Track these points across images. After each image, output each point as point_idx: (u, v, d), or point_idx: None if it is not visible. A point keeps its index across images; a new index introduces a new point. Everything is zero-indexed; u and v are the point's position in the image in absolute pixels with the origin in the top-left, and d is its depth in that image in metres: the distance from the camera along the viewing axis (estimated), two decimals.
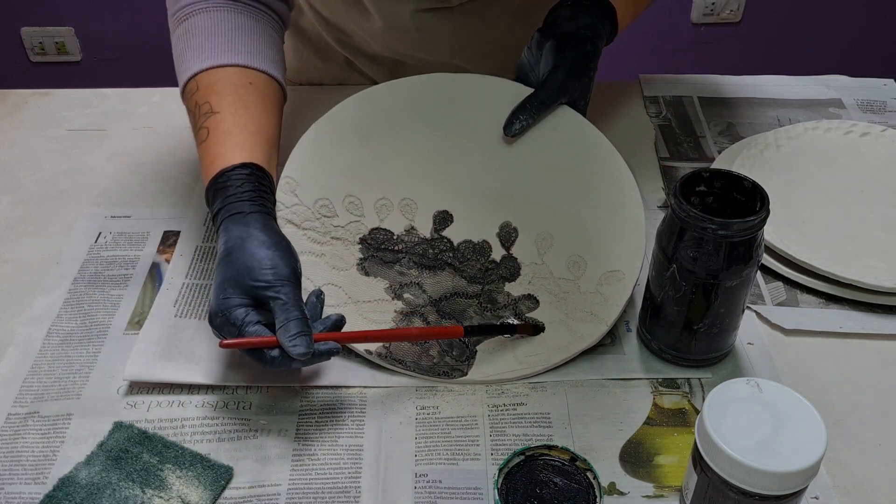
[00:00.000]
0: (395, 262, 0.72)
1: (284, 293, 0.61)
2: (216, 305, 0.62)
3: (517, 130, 0.76)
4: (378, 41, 0.97)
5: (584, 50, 0.77)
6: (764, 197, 0.61)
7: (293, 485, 0.60)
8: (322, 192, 0.74)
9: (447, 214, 0.75)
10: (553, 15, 0.80)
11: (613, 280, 0.71)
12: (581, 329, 0.69)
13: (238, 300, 0.62)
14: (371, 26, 0.94)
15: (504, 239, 0.74)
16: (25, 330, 0.72)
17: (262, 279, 0.62)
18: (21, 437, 0.63)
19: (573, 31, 0.77)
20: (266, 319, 0.62)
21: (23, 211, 0.85)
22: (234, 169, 0.67)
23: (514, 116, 0.76)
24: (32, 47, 2.31)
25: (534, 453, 0.56)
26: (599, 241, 0.73)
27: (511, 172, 0.76)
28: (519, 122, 0.76)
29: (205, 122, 0.71)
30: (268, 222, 0.66)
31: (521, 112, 0.76)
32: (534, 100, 0.76)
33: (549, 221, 0.74)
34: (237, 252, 0.63)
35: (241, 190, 0.66)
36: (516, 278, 0.72)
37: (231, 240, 0.64)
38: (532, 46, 0.80)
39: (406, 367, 0.67)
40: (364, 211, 0.74)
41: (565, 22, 0.78)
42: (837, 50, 2.36)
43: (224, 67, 0.74)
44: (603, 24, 0.79)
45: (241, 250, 0.63)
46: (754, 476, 0.49)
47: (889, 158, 0.87)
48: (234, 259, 0.63)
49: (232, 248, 0.63)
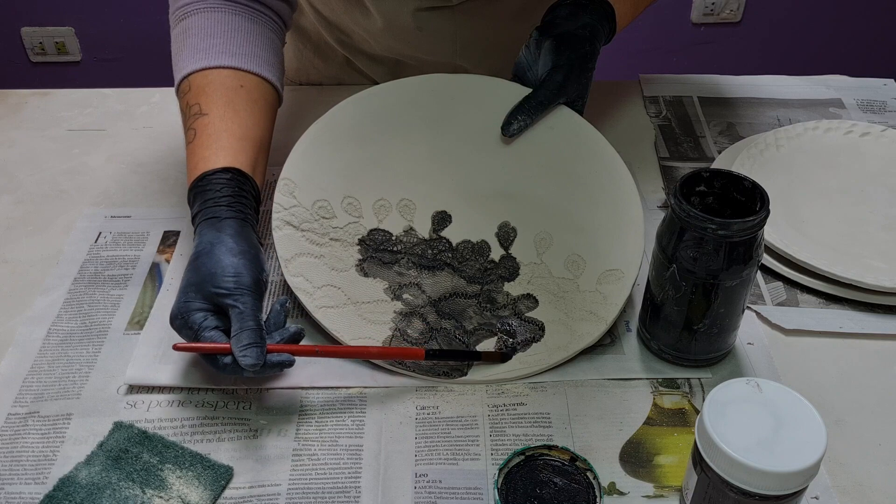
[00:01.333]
0: (393, 262, 0.72)
1: (242, 302, 0.62)
2: (176, 308, 0.64)
3: (515, 131, 0.76)
4: (378, 41, 0.97)
5: (582, 50, 0.76)
6: (764, 197, 0.61)
7: (293, 485, 0.60)
8: (320, 193, 0.74)
9: (446, 215, 0.75)
10: (551, 14, 0.79)
11: (612, 279, 0.71)
12: (581, 328, 0.69)
13: (198, 304, 0.63)
14: (371, 25, 0.94)
15: (503, 239, 0.74)
16: (25, 330, 0.72)
17: (223, 286, 0.63)
18: (21, 437, 0.63)
19: (572, 30, 0.77)
20: (225, 325, 0.63)
21: (23, 211, 0.85)
22: (214, 173, 0.68)
23: (512, 117, 0.76)
24: (32, 47, 2.31)
25: (534, 453, 0.57)
26: (598, 241, 0.73)
27: (509, 172, 0.76)
28: (517, 123, 0.75)
29: (193, 123, 0.72)
30: (241, 229, 0.67)
31: (520, 112, 0.75)
32: (532, 100, 0.76)
33: (548, 221, 0.74)
34: (204, 257, 0.64)
35: (219, 194, 0.67)
36: (515, 278, 0.72)
37: (202, 244, 0.65)
38: (530, 45, 0.79)
39: (406, 368, 0.67)
40: (362, 212, 0.74)
41: (564, 21, 0.78)
42: (837, 50, 2.36)
43: (217, 69, 0.74)
44: (602, 25, 0.78)
45: (208, 256, 0.64)
46: (754, 476, 0.49)
47: (889, 158, 0.87)
48: (200, 265, 0.64)
49: (200, 252, 0.65)
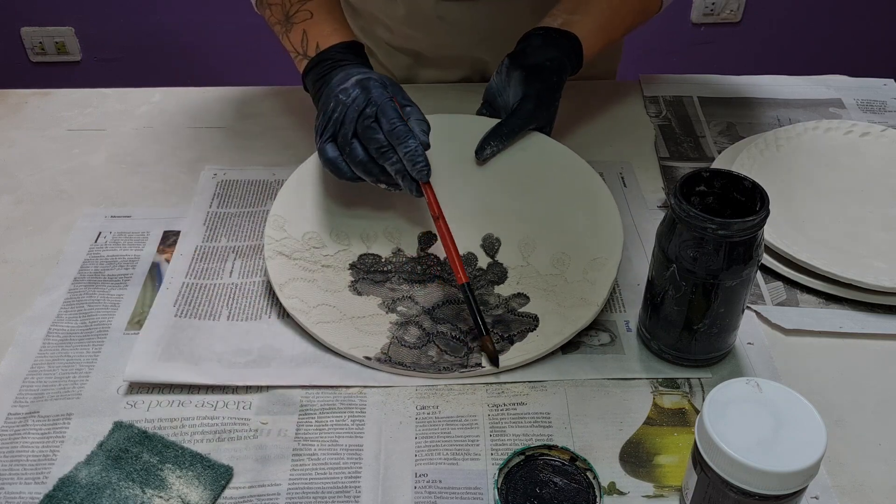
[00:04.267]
0: (385, 280, 0.74)
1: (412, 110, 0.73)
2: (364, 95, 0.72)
3: (488, 155, 0.80)
4: (400, 29, 0.99)
5: (550, 82, 0.81)
6: (764, 197, 0.61)
7: (293, 485, 0.60)
8: (309, 226, 0.77)
9: (431, 234, 0.78)
10: (524, 42, 0.84)
11: (598, 266, 0.73)
12: (573, 314, 0.70)
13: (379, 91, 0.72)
14: (394, 12, 0.97)
15: (488, 249, 0.77)
16: (25, 330, 0.72)
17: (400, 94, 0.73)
18: (21, 436, 0.63)
19: (540, 62, 0.81)
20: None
21: (23, 211, 0.85)
22: (347, 44, 0.79)
23: (486, 142, 0.80)
24: (32, 47, 2.31)
25: (534, 453, 0.57)
26: (580, 236, 0.75)
27: (488, 191, 0.80)
28: (490, 148, 0.80)
29: (304, 5, 0.81)
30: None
31: (492, 138, 0.80)
32: (504, 127, 0.80)
33: (530, 229, 0.77)
34: (369, 74, 0.74)
35: (357, 61, 0.78)
36: (504, 280, 0.74)
37: (358, 73, 0.74)
38: (501, 71, 0.83)
39: (406, 369, 0.67)
40: (351, 240, 0.77)
41: (534, 52, 0.82)
42: (837, 50, 2.36)
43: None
44: (569, 58, 0.83)
45: (367, 76, 0.73)
46: (754, 476, 0.49)
47: (889, 158, 0.87)
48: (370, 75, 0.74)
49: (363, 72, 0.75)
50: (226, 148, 0.93)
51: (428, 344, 0.69)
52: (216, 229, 0.82)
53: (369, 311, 0.72)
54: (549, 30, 0.83)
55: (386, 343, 0.69)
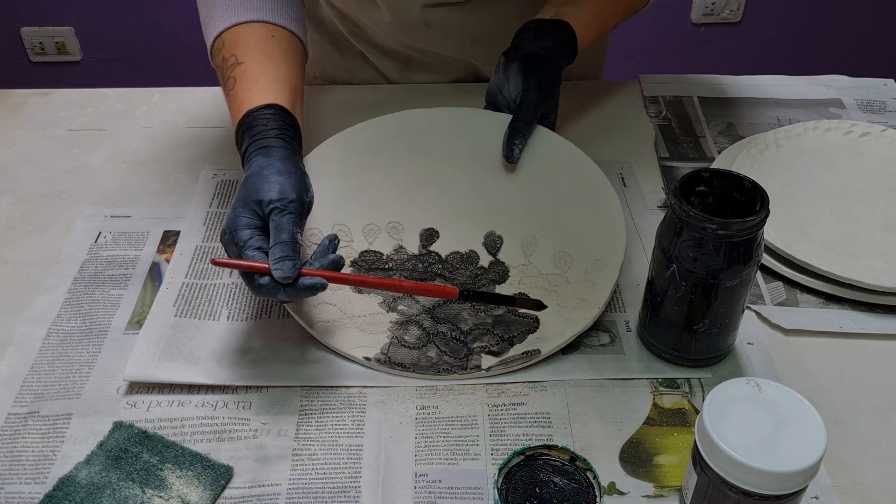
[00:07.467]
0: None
1: (283, 217, 0.63)
2: (226, 223, 0.65)
3: (518, 156, 0.79)
4: (388, 34, 0.99)
5: (547, 68, 0.80)
6: (764, 197, 0.61)
7: (293, 485, 0.60)
8: (310, 222, 0.76)
9: (433, 231, 0.78)
10: (517, 38, 0.84)
11: (599, 267, 0.73)
12: (574, 315, 0.70)
13: (246, 220, 0.64)
14: (381, 19, 0.96)
15: (490, 246, 0.76)
16: (25, 330, 0.72)
17: (265, 198, 0.64)
18: (21, 436, 0.63)
19: (536, 51, 0.81)
20: (269, 247, 0.64)
21: (23, 211, 0.85)
22: (259, 109, 0.71)
23: (511, 143, 0.79)
24: (32, 47, 2.31)
25: (534, 453, 0.56)
26: (582, 236, 0.75)
27: (491, 189, 0.79)
28: (517, 148, 0.79)
29: (232, 72, 0.75)
30: (290, 155, 0.69)
31: (515, 137, 0.79)
32: (518, 122, 0.79)
33: (532, 226, 0.77)
34: (253, 177, 0.66)
35: (266, 127, 0.70)
36: (506, 280, 0.74)
37: (252, 168, 0.67)
38: (499, 70, 0.83)
39: (406, 370, 0.67)
40: (353, 237, 0.77)
41: (528, 44, 0.82)
42: (837, 50, 2.36)
43: (247, 24, 0.77)
44: (564, 47, 0.82)
45: (257, 176, 0.66)
46: (754, 476, 0.49)
47: (889, 158, 0.87)
48: (249, 183, 0.66)
49: (250, 174, 0.67)
50: (226, 148, 0.93)
51: (428, 344, 0.69)
52: (216, 229, 0.82)
53: (370, 309, 0.72)
54: (542, 21, 0.83)
55: (386, 343, 0.69)
